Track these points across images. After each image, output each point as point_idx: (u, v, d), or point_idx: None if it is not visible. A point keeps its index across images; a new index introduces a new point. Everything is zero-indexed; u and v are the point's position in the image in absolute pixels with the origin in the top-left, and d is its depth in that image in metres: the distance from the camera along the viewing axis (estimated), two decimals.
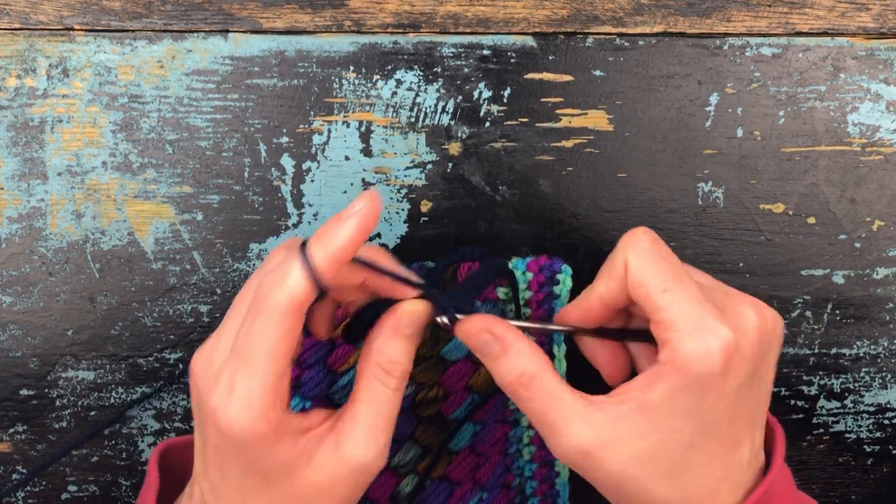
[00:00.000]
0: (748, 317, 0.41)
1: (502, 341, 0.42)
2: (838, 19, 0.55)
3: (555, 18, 0.54)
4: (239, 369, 0.39)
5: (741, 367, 0.40)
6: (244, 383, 0.38)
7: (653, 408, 0.40)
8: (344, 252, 0.39)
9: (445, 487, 0.53)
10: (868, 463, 0.60)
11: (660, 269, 0.41)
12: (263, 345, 0.38)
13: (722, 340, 0.39)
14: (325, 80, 0.53)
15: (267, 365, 0.38)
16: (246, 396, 0.38)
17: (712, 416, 0.40)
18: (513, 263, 0.52)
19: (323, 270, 0.39)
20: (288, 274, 0.38)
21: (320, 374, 0.50)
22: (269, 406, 0.39)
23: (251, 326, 0.39)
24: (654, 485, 0.40)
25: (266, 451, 0.39)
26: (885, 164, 0.56)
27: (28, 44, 0.52)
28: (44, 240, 0.54)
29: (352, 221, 0.39)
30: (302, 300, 0.39)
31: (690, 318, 0.39)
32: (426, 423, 0.52)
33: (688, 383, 0.39)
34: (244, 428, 0.38)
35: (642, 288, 0.41)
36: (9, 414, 0.55)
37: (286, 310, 0.38)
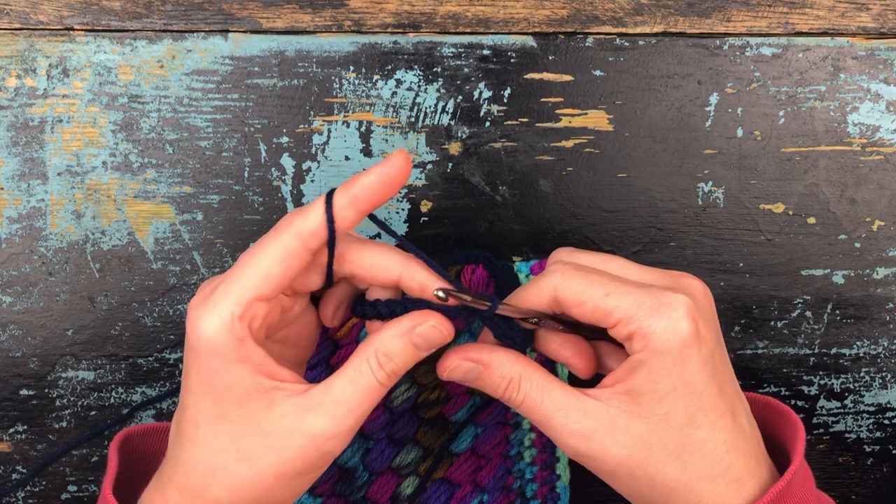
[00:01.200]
0: (691, 282, 0.42)
1: (480, 361, 0.43)
2: (838, 19, 0.55)
3: (555, 18, 0.54)
4: (228, 278, 0.39)
5: (708, 329, 0.40)
6: (224, 289, 0.39)
7: (641, 392, 0.40)
8: (364, 195, 0.40)
9: (446, 489, 0.53)
10: (868, 463, 0.60)
11: (590, 282, 0.41)
12: (259, 258, 0.39)
13: (682, 307, 0.40)
14: (325, 80, 0.53)
15: (252, 276, 0.39)
16: (221, 303, 0.39)
17: (700, 386, 0.40)
18: (516, 266, 0.52)
19: (341, 209, 0.40)
20: (309, 208, 0.40)
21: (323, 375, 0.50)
22: (240, 319, 0.39)
23: (257, 244, 0.40)
24: (664, 468, 0.40)
25: (223, 370, 0.39)
26: (885, 164, 0.56)
27: (28, 44, 0.52)
28: (44, 240, 0.54)
29: (377, 170, 0.40)
30: (312, 230, 0.40)
31: (644, 303, 0.40)
32: (428, 424, 0.52)
33: (667, 362, 0.39)
34: (208, 334, 0.38)
35: (584, 306, 0.41)
36: (9, 414, 0.55)
37: (293, 234, 0.40)
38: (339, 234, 0.41)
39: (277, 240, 0.40)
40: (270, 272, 0.39)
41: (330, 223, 0.40)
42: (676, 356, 0.39)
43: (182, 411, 0.41)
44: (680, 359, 0.39)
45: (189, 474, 0.40)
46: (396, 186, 0.41)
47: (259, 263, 0.39)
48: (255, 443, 0.39)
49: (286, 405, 0.40)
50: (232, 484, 0.39)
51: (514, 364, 0.42)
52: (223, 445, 0.39)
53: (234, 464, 0.39)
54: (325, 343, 0.50)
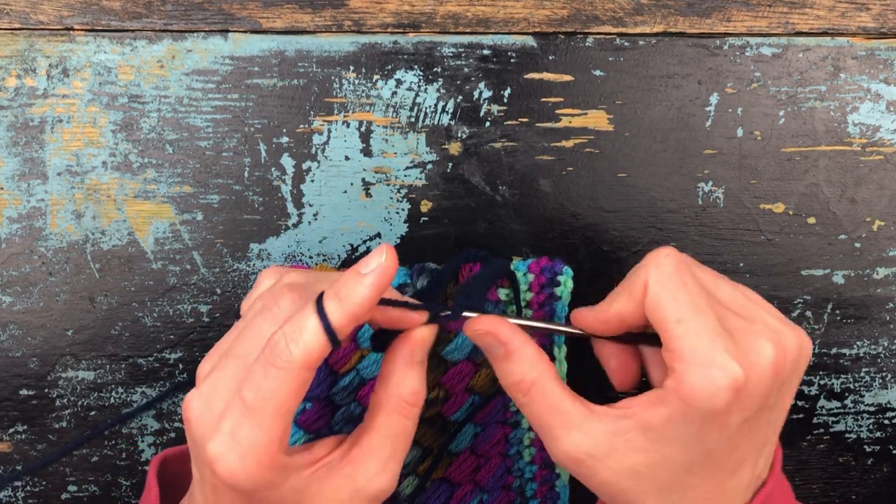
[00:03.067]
0: (764, 352, 0.39)
1: (506, 346, 0.42)
2: (838, 19, 0.55)
3: (555, 18, 0.54)
4: (245, 421, 0.37)
5: (749, 403, 0.39)
6: (250, 436, 0.37)
7: (652, 429, 0.39)
8: (361, 309, 0.38)
9: (446, 489, 0.53)
10: (868, 463, 0.60)
11: (676, 297, 0.40)
12: (274, 400, 0.37)
13: (729, 379, 0.38)
14: (325, 80, 0.53)
15: (276, 419, 0.37)
16: (252, 450, 0.37)
17: (712, 444, 0.39)
18: (514, 265, 0.52)
19: (339, 327, 0.38)
20: (304, 329, 0.38)
21: (322, 375, 0.50)
22: (274, 456, 0.38)
23: (262, 379, 0.38)
24: (645, 498, 0.40)
25: (271, 493, 0.39)
26: (885, 164, 0.56)
27: (28, 44, 0.52)
28: (44, 240, 0.54)
29: (370, 279, 0.38)
30: (317, 357, 0.38)
31: (699, 352, 0.38)
32: (427, 424, 0.52)
33: (688, 414, 0.38)
34: (248, 478, 0.37)
35: (658, 314, 0.40)
36: (9, 414, 0.55)
37: (301, 366, 0.37)
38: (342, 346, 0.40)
39: (287, 378, 0.37)
40: (288, 408, 0.38)
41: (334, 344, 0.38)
42: (701, 416, 0.38)
43: None
44: (702, 419, 0.39)
45: None
46: (387, 287, 0.39)
47: (276, 406, 0.37)
48: None
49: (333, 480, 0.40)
50: None
51: (534, 366, 0.42)
52: None
53: None
54: None
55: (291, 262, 0.55)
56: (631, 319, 0.42)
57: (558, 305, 0.52)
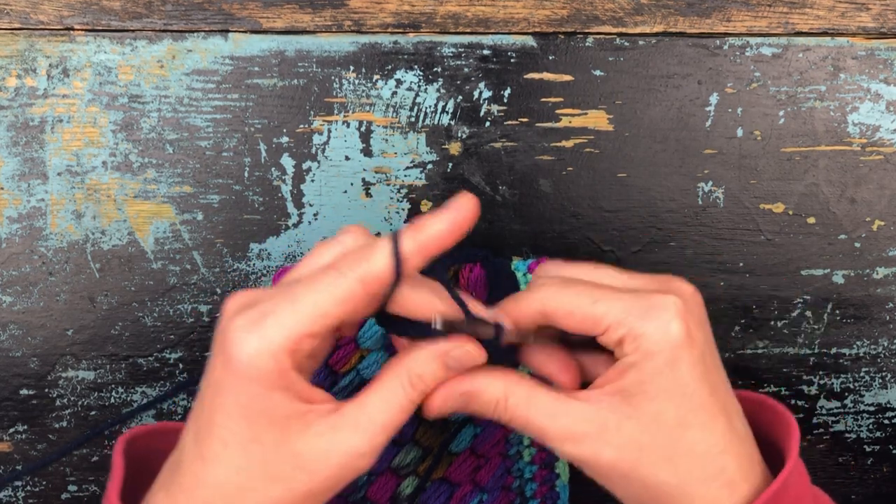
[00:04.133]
0: (679, 285, 0.42)
1: (464, 392, 0.42)
2: (838, 19, 0.55)
3: (555, 18, 0.54)
4: (280, 305, 0.38)
5: (699, 331, 0.40)
6: (278, 319, 0.38)
7: (631, 393, 0.40)
8: (432, 242, 0.39)
9: (446, 489, 0.53)
10: (868, 463, 0.60)
11: (577, 292, 0.41)
12: (317, 294, 0.38)
13: (672, 308, 0.39)
14: (325, 79, 0.53)
15: (310, 312, 0.38)
16: (273, 331, 0.37)
17: (691, 387, 0.40)
18: (514, 265, 0.52)
19: (408, 255, 0.39)
20: (375, 251, 0.39)
21: (321, 375, 0.50)
22: (289, 352, 0.38)
23: (315, 277, 0.39)
24: (657, 472, 0.40)
25: (264, 396, 0.38)
26: (885, 164, 0.56)
27: (28, 44, 0.52)
28: (44, 240, 0.54)
29: (446, 216, 0.40)
30: (377, 276, 0.39)
31: (633, 307, 0.40)
32: (427, 424, 0.52)
33: (658, 364, 0.39)
34: (254, 361, 0.37)
35: (573, 316, 0.41)
36: (9, 414, 0.55)
37: (358, 277, 0.38)
38: (404, 279, 0.40)
39: (341, 280, 0.39)
40: (328, 312, 0.38)
41: (398, 271, 0.39)
42: (667, 357, 0.39)
43: (208, 428, 0.40)
44: (671, 360, 0.39)
45: (212, 494, 0.39)
46: (464, 232, 0.40)
47: (318, 301, 0.38)
48: (287, 463, 0.39)
49: (320, 425, 0.39)
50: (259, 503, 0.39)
51: (498, 384, 0.42)
52: (254, 467, 0.39)
53: (265, 484, 0.39)
54: None
55: (291, 262, 0.55)
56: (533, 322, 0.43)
57: None
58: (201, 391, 0.40)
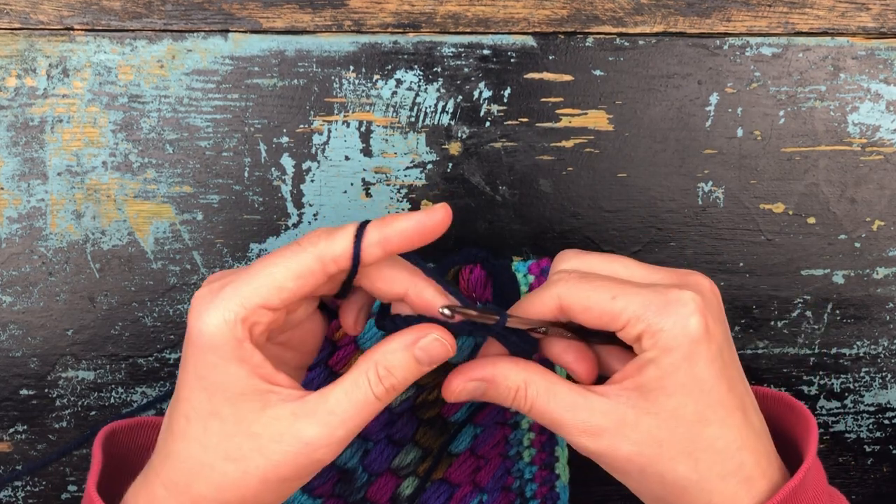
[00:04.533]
0: (698, 280, 0.42)
1: (484, 378, 0.43)
2: (838, 19, 0.55)
3: (555, 18, 0.54)
4: (240, 277, 0.39)
5: (717, 326, 0.40)
6: (232, 288, 0.39)
7: (650, 389, 0.40)
8: (395, 237, 0.40)
9: (446, 490, 0.53)
10: (868, 463, 0.60)
11: (595, 287, 0.41)
12: (274, 267, 0.39)
13: (691, 304, 0.39)
14: (325, 80, 0.53)
15: (263, 283, 0.39)
16: (228, 301, 0.38)
17: (710, 383, 0.40)
18: (514, 266, 0.52)
19: (369, 244, 0.40)
20: (338, 233, 0.40)
21: (321, 376, 0.50)
22: (242, 322, 0.38)
23: (276, 253, 0.40)
24: (675, 466, 0.40)
25: (220, 367, 0.39)
26: (885, 164, 0.56)
27: (28, 44, 0.52)
28: (44, 240, 0.54)
29: (415, 217, 0.40)
30: (335, 257, 0.39)
31: (651, 302, 0.40)
32: (427, 425, 0.52)
33: (676, 360, 0.39)
34: (209, 329, 0.38)
35: (591, 311, 0.41)
36: (9, 414, 0.55)
37: (316, 254, 0.39)
38: (361, 268, 0.40)
39: (298, 255, 0.40)
40: (283, 285, 0.39)
41: (356, 257, 0.40)
42: (686, 353, 0.39)
43: (175, 404, 0.41)
44: (689, 355, 0.39)
45: (176, 469, 0.40)
46: (431, 237, 0.41)
47: (274, 273, 0.39)
48: (244, 443, 0.39)
49: (279, 409, 0.39)
50: (217, 483, 0.39)
51: (519, 373, 0.42)
52: (212, 443, 0.39)
53: (222, 463, 0.39)
54: (324, 344, 0.50)
55: None
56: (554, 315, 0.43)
57: None
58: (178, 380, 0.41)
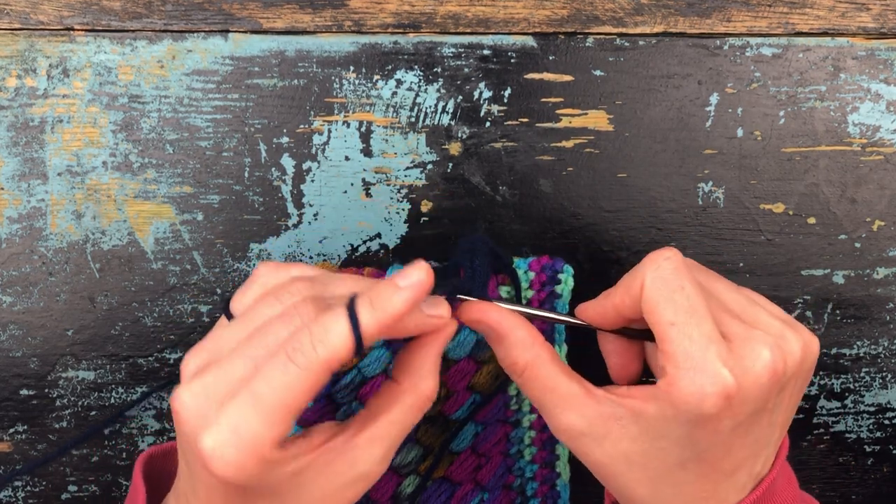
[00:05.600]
0: (760, 358, 0.39)
1: (497, 331, 0.42)
2: (838, 19, 0.55)
3: (555, 18, 0.54)
4: (252, 415, 0.36)
5: (741, 409, 0.39)
6: (253, 429, 0.36)
7: (644, 420, 0.40)
8: (393, 321, 0.37)
9: (447, 488, 0.53)
10: (868, 463, 0.60)
11: (672, 299, 0.40)
12: (288, 397, 0.36)
13: (719, 386, 0.38)
14: (325, 80, 0.53)
15: (285, 417, 0.36)
16: (252, 443, 0.36)
17: (703, 446, 0.39)
18: (515, 263, 0.52)
19: (369, 336, 0.37)
20: (332, 331, 0.36)
21: None
22: (273, 451, 0.37)
23: (281, 375, 0.36)
24: (637, 486, 0.41)
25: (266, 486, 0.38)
26: (885, 164, 0.56)
27: (28, 44, 0.52)
28: (44, 240, 0.54)
29: (407, 293, 0.37)
30: (339, 361, 0.36)
31: (690, 358, 0.38)
32: (428, 423, 0.52)
33: (678, 416, 0.39)
34: (244, 473, 0.36)
35: (653, 316, 0.40)
36: (9, 414, 0.55)
37: (322, 368, 0.36)
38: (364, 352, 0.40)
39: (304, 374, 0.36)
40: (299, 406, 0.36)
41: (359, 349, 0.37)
42: (689, 419, 0.39)
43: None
44: (691, 423, 0.39)
45: None
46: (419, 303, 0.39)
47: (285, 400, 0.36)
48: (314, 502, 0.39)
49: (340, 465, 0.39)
50: None
51: (526, 350, 0.42)
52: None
53: None
54: None
55: (291, 262, 0.55)
56: (628, 314, 0.43)
57: (559, 303, 0.52)
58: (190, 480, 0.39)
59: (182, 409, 0.37)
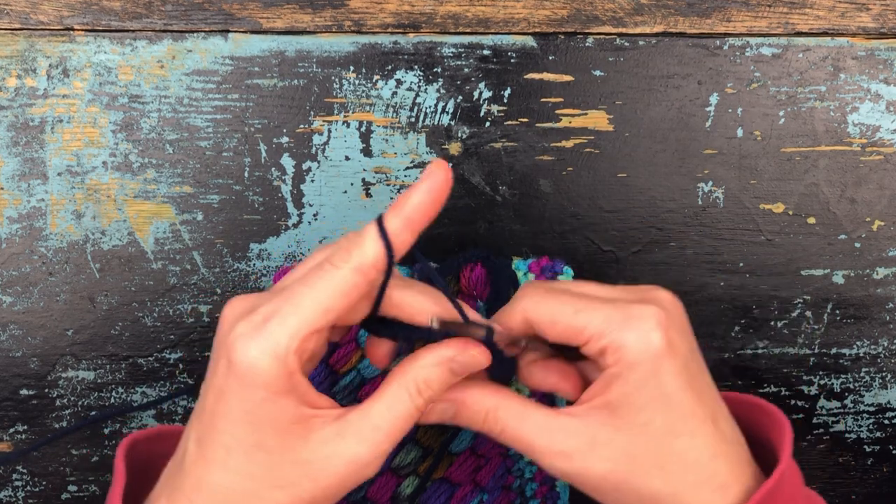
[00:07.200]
0: (659, 294, 0.42)
1: (455, 400, 0.42)
2: (838, 19, 0.55)
3: (555, 18, 0.54)
4: (282, 307, 0.38)
5: (681, 338, 0.40)
6: (282, 320, 0.37)
7: (618, 405, 0.40)
8: (416, 214, 0.39)
9: (446, 489, 0.53)
10: (868, 463, 0.60)
11: (560, 302, 0.41)
12: (318, 292, 0.38)
13: (652, 318, 0.39)
14: (325, 80, 0.53)
15: (312, 310, 0.38)
16: (277, 334, 0.37)
17: (677, 396, 0.40)
18: (515, 264, 0.52)
19: (396, 233, 0.39)
20: (364, 238, 0.39)
21: (322, 375, 0.50)
22: (296, 352, 0.38)
23: (311, 274, 0.39)
24: (649, 481, 0.40)
25: (269, 401, 0.38)
26: (885, 164, 0.56)
27: (28, 44, 0.52)
28: (44, 240, 0.54)
29: (423, 185, 0.40)
30: (371, 262, 0.39)
31: (613, 317, 0.40)
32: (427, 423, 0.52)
33: (642, 374, 0.39)
34: (260, 366, 0.37)
35: (556, 325, 0.41)
36: (9, 414, 0.55)
37: (354, 267, 0.38)
38: (397, 258, 0.40)
39: (337, 273, 0.39)
40: (331, 306, 0.38)
41: (389, 252, 0.39)
42: (650, 367, 0.39)
43: (211, 434, 0.40)
44: (654, 369, 0.39)
45: (215, 498, 0.39)
46: (444, 199, 0.40)
47: (318, 297, 0.38)
48: (292, 471, 0.39)
49: (324, 432, 0.39)
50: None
51: (490, 397, 0.42)
52: (258, 473, 0.39)
53: (270, 491, 0.39)
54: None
55: (291, 262, 0.55)
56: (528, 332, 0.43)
57: None
58: (203, 396, 0.40)
59: (228, 311, 0.40)
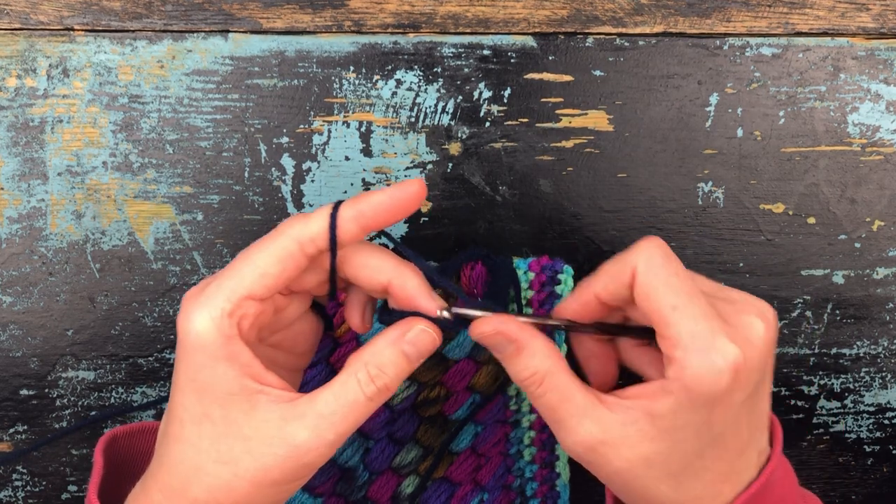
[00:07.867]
0: (755, 328, 0.40)
1: (517, 342, 0.42)
2: (838, 19, 0.55)
3: (555, 18, 0.54)
4: (222, 274, 0.40)
5: (748, 380, 0.39)
6: (217, 284, 0.39)
7: (660, 418, 0.40)
8: (370, 211, 0.40)
9: (446, 488, 0.53)
10: (868, 463, 0.60)
11: (670, 285, 0.40)
12: (253, 258, 0.39)
13: (730, 359, 0.38)
14: (325, 80, 0.53)
15: (246, 273, 0.39)
16: (211, 296, 0.38)
17: (719, 428, 0.40)
18: (515, 263, 0.52)
19: (345, 221, 0.40)
20: (314, 215, 0.40)
21: (323, 373, 0.50)
22: (229, 316, 0.38)
23: (254, 245, 0.40)
24: (659, 485, 0.40)
25: (208, 367, 0.38)
26: (885, 164, 0.56)
27: (28, 44, 0.52)
28: (44, 240, 0.54)
29: (390, 190, 0.40)
30: (312, 237, 0.40)
31: (699, 337, 0.39)
32: (428, 423, 0.52)
33: (694, 401, 0.39)
34: (195, 326, 0.38)
35: (652, 302, 0.40)
36: (9, 414, 0.55)
37: (291, 237, 0.40)
38: (339, 245, 0.40)
39: (276, 241, 0.40)
40: (266, 271, 0.39)
41: (332, 232, 0.40)
42: (706, 401, 0.39)
43: (169, 408, 0.41)
44: (707, 403, 0.39)
45: (171, 474, 0.40)
46: (405, 212, 0.41)
47: (255, 262, 0.39)
48: (234, 446, 0.39)
49: (269, 411, 0.39)
50: (209, 485, 0.39)
51: (546, 358, 0.41)
52: (205, 445, 0.39)
53: (214, 465, 0.39)
54: (325, 341, 0.50)
55: None
56: (611, 301, 0.43)
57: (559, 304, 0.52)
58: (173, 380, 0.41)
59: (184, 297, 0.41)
